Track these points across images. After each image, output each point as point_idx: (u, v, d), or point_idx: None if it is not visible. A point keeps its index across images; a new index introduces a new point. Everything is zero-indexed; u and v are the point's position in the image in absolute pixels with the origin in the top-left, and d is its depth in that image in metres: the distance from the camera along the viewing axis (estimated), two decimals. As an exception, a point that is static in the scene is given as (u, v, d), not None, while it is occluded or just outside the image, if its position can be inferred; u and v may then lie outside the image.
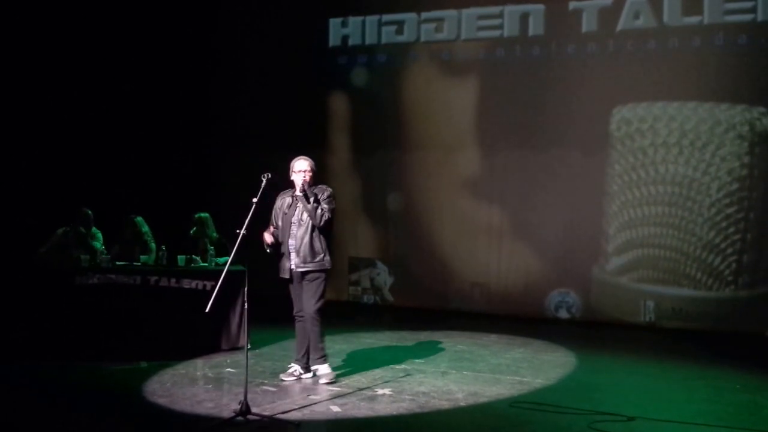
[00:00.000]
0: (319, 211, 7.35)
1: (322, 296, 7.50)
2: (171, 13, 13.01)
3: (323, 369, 7.56)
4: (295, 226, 7.43)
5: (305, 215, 7.39)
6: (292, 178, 7.50)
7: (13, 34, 11.59)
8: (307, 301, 7.48)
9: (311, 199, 7.37)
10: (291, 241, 7.45)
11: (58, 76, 11.94)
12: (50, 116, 11.91)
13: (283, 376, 7.63)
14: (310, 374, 7.67)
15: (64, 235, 9.50)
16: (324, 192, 7.47)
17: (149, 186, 12.45)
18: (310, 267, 7.43)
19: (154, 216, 10.09)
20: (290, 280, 7.58)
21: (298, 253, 7.41)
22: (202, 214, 10.12)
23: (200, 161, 13.59)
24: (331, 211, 7.43)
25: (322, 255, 7.44)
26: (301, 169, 7.45)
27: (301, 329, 7.64)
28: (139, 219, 9.86)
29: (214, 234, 9.95)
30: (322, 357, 7.56)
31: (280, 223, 7.52)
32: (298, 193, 7.43)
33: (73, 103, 12.07)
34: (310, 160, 7.56)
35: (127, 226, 9.80)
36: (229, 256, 6.67)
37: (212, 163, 13.73)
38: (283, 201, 7.56)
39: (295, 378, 7.61)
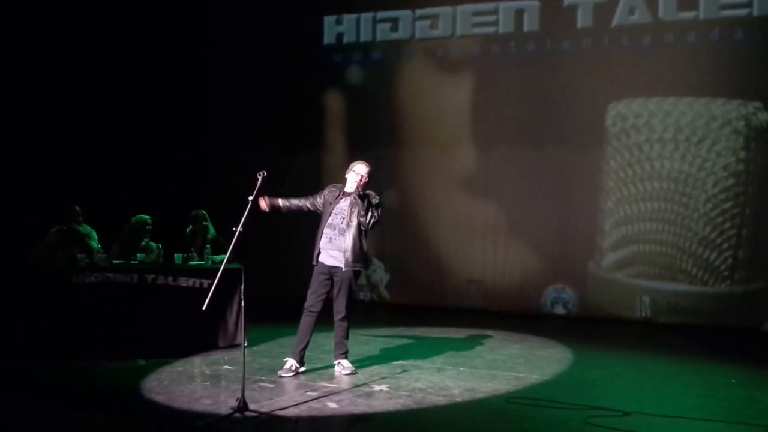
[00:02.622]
0: (370, 213, 7.64)
1: (352, 296, 7.87)
2: (168, 14, 13.01)
3: (346, 363, 7.81)
4: (336, 219, 7.67)
5: (354, 218, 7.63)
6: (346, 175, 7.81)
7: (13, 34, 11.58)
8: (339, 301, 7.74)
9: (365, 201, 7.64)
10: (329, 233, 7.65)
11: (58, 77, 11.93)
12: (50, 116, 11.90)
13: (281, 373, 7.65)
14: (303, 368, 7.77)
15: (58, 234, 9.49)
16: (374, 198, 7.74)
17: (149, 186, 12.43)
18: (358, 267, 7.75)
19: (154, 215, 10.07)
20: (318, 273, 7.71)
21: (346, 252, 7.63)
22: (201, 211, 10.12)
23: (199, 161, 13.60)
24: (379, 216, 7.77)
25: (366, 255, 7.85)
26: (359, 172, 7.76)
27: (307, 324, 7.72)
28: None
29: (212, 231, 9.95)
30: (346, 352, 7.83)
31: (322, 210, 7.79)
32: (347, 189, 7.73)
33: (73, 103, 12.06)
34: (369, 167, 7.87)
35: (137, 224, 9.79)
36: (226, 254, 6.68)
37: (210, 163, 13.75)
38: (331, 193, 7.82)
39: (293, 373, 7.65)
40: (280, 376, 7.59)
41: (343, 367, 7.76)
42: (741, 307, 10.73)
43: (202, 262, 9.28)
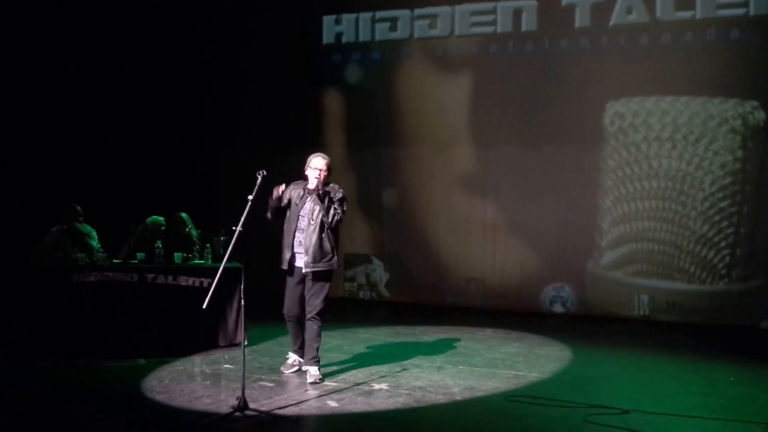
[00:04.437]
0: (332, 211, 7.33)
1: (326, 296, 7.47)
2: (168, 13, 13.02)
3: (313, 371, 7.42)
4: (304, 222, 7.38)
5: (316, 214, 7.34)
6: (306, 172, 7.48)
7: (12, 35, 11.58)
8: (311, 301, 7.43)
9: (325, 199, 7.34)
10: (299, 236, 7.41)
11: (58, 77, 11.93)
12: (50, 117, 11.90)
13: (283, 369, 7.70)
14: None
15: (59, 233, 9.51)
16: (337, 193, 7.42)
17: (149, 185, 12.43)
18: (320, 267, 7.37)
19: (153, 215, 10.07)
20: (291, 276, 7.54)
21: (307, 252, 7.35)
22: (183, 214, 10.06)
23: (198, 160, 13.60)
24: (343, 212, 7.43)
25: (330, 255, 7.40)
26: (317, 167, 7.40)
27: (292, 328, 7.66)
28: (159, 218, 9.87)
29: (194, 231, 9.91)
30: (314, 358, 7.45)
31: (288, 213, 7.49)
32: (310, 186, 7.41)
33: (73, 103, 12.06)
34: (327, 159, 7.50)
35: (152, 225, 9.79)
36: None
37: (210, 162, 13.75)
38: (296, 192, 7.48)
39: (296, 369, 7.66)
40: (283, 373, 7.64)
41: (309, 375, 7.40)
42: (739, 305, 10.75)
43: (202, 261, 9.30)
